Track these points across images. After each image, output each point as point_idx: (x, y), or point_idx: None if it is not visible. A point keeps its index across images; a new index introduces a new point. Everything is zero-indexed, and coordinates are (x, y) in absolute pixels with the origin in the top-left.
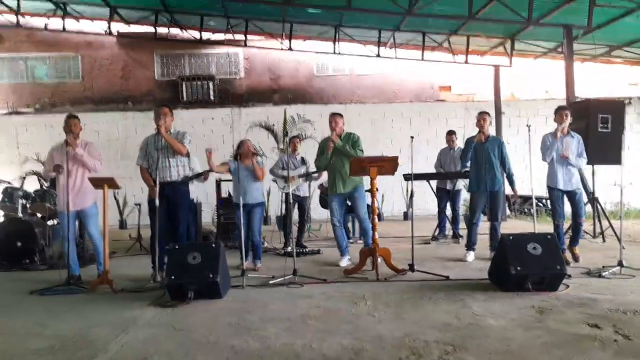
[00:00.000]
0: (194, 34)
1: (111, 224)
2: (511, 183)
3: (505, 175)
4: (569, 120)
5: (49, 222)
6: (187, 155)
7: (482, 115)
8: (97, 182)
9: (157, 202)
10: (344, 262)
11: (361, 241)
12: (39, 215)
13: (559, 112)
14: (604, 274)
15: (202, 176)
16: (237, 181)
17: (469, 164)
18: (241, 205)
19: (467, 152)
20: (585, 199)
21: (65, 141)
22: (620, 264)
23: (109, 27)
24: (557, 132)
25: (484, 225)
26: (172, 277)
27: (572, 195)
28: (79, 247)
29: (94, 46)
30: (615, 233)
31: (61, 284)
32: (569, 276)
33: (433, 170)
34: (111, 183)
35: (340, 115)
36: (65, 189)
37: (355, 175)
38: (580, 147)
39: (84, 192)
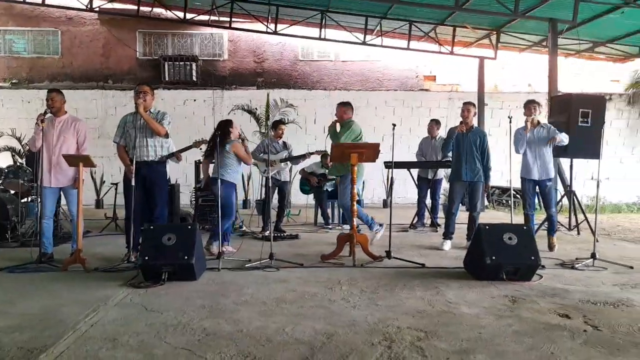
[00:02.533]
0: (178, 13)
1: (87, 203)
2: (486, 177)
3: (482, 167)
4: (537, 112)
5: (22, 199)
6: (166, 136)
7: (466, 106)
8: (72, 160)
9: (132, 181)
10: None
11: (341, 227)
12: (12, 191)
13: (527, 105)
14: (577, 265)
15: (174, 156)
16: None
17: (450, 153)
18: (219, 181)
19: (449, 141)
20: (560, 191)
21: (44, 112)
22: (593, 256)
23: (91, 3)
24: (527, 124)
25: (462, 215)
26: (146, 258)
27: (542, 187)
28: (53, 225)
29: (74, 22)
30: (590, 226)
31: (32, 262)
32: (543, 267)
33: (415, 159)
34: (86, 161)
35: (346, 104)
36: (47, 164)
37: (336, 161)
38: (552, 133)
39: (68, 169)
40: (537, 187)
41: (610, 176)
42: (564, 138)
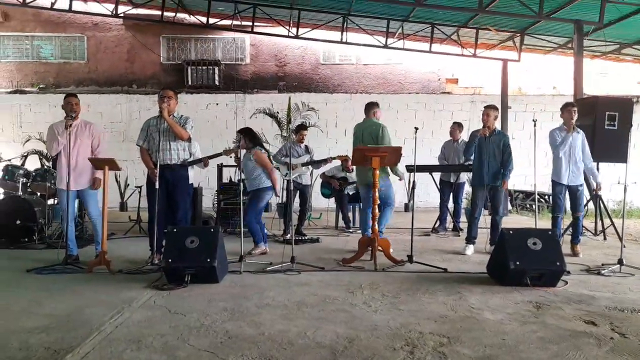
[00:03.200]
0: (201, 18)
1: (112, 206)
2: (504, 175)
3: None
4: (576, 116)
5: (49, 202)
6: (189, 140)
7: (486, 110)
8: (98, 163)
9: (156, 184)
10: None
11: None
12: (39, 194)
13: (567, 108)
14: (603, 271)
15: (202, 162)
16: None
17: (472, 157)
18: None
19: (471, 145)
20: (587, 195)
21: (72, 117)
22: (620, 262)
23: (116, 9)
24: (570, 125)
25: (485, 219)
26: (170, 260)
27: (573, 191)
28: (78, 227)
29: (100, 28)
30: (616, 231)
31: (58, 263)
32: (568, 272)
33: (436, 163)
34: (112, 164)
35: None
36: (66, 167)
37: (357, 165)
38: (584, 144)
39: (85, 172)
40: (567, 192)
41: (638, 180)
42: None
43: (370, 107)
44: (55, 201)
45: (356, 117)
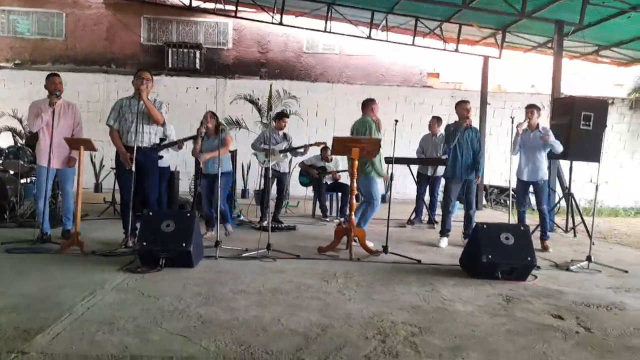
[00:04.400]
0: (184, 0)
1: (86, 187)
2: (477, 169)
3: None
4: (535, 117)
5: (22, 180)
6: (163, 124)
7: (467, 105)
8: (73, 143)
9: (132, 167)
10: None
11: (339, 220)
12: (11, 172)
13: (526, 109)
14: (572, 267)
15: (176, 144)
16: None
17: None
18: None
19: (454, 137)
20: (559, 194)
21: (47, 97)
22: (588, 259)
23: None
24: (519, 127)
25: (459, 212)
26: (145, 243)
27: (535, 186)
28: (51, 207)
29: (79, 5)
30: (586, 229)
31: (32, 240)
32: (538, 267)
33: (415, 155)
34: (88, 144)
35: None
36: (48, 145)
37: (338, 155)
38: (545, 132)
39: (66, 151)
40: (529, 187)
41: (610, 180)
42: (555, 144)
43: (367, 104)
44: (28, 180)
45: (337, 107)
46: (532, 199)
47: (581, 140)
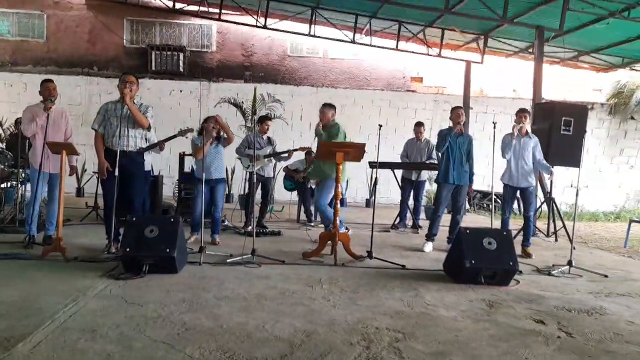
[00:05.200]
0: (167, 2)
1: (68, 191)
2: (471, 181)
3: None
4: (527, 122)
5: (2, 185)
6: (149, 128)
7: (459, 110)
8: (56, 148)
9: (115, 171)
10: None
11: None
12: None
13: (518, 113)
14: (553, 272)
15: (157, 146)
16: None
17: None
18: (203, 179)
19: (445, 142)
20: (540, 198)
21: (41, 102)
22: (569, 263)
23: None
24: (514, 130)
25: (446, 217)
26: (127, 249)
27: (523, 192)
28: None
29: (61, 6)
30: (567, 233)
31: (22, 244)
32: (520, 272)
33: (399, 160)
34: (70, 149)
35: (329, 106)
36: (41, 149)
37: (322, 160)
38: (538, 149)
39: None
40: (517, 193)
41: (589, 184)
42: (547, 168)
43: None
44: (8, 184)
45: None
46: (515, 204)
47: (561, 145)
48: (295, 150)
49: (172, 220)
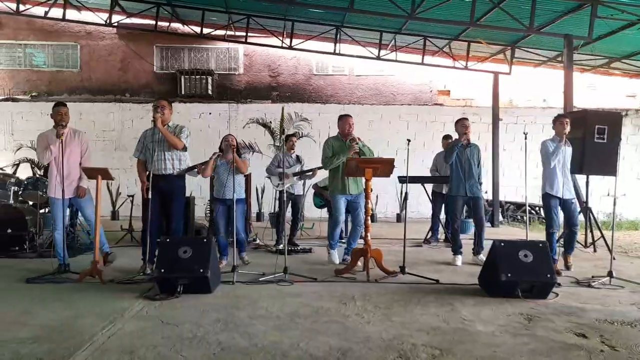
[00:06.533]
0: (195, 28)
1: (103, 215)
2: (480, 187)
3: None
4: (568, 128)
5: (40, 210)
6: (184, 149)
7: (465, 122)
8: (91, 173)
9: (149, 194)
10: (335, 258)
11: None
12: (30, 203)
13: (559, 119)
14: (593, 284)
15: (195, 169)
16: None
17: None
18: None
19: (453, 154)
20: (578, 208)
21: (54, 127)
22: (610, 274)
23: (110, 18)
24: (563, 137)
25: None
26: (162, 270)
27: (567, 204)
28: (69, 236)
29: (93, 36)
30: (606, 244)
31: (51, 273)
32: (559, 285)
33: (428, 174)
34: (105, 174)
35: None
36: (58, 176)
37: (350, 176)
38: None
39: (76, 180)
40: (559, 205)
41: (627, 192)
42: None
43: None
44: (47, 210)
45: (353, 128)
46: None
47: (596, 153)
48: (320, 168)
49: (204, 240)
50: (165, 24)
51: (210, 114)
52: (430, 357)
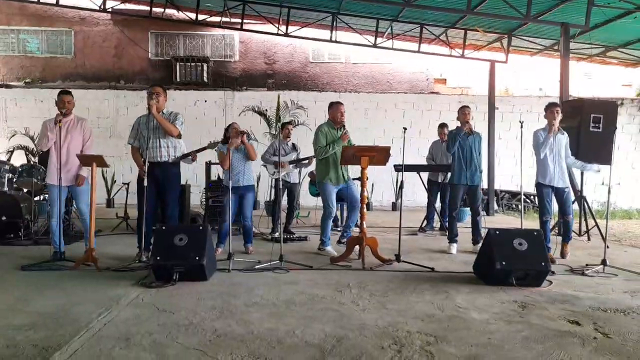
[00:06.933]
0: (190, 14)
1: (99, 202)
2: (480, 179)
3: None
4: (559, 116)
5: (35, 198)
6: (179, 136)
7: (467, 109)
8: (86, 160)
9: (145, 182)
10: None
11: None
12: (25, 190)
13: (550, 108)
14: (587, 272)
15: (189, 156)
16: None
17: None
18: (230, 187)
19: (455, 143)
20: (572, 197)
21: (63, 114)
22: (603, 262)
23: (104, 4)
24: (552, 127)
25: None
26: (158, 258)
27: (560, 193)
28: (65, 224)
29: (87, 22)
30: (600, 232)
31: (47, 261)
32: (553, 273)
33: (424, 162)
34: (99, 161)
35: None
36: (56, 163)
37: (346, 164)
38: (567, 146)
39: (75, 168)
40: (553, 193)
41: (622, 181)
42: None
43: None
44: (42, 197)
45: (345, 116)
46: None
47: (591, 142)
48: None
49: (200, 228)
50: (160, 10)
51: (205, 101)
52: (425, 344)
